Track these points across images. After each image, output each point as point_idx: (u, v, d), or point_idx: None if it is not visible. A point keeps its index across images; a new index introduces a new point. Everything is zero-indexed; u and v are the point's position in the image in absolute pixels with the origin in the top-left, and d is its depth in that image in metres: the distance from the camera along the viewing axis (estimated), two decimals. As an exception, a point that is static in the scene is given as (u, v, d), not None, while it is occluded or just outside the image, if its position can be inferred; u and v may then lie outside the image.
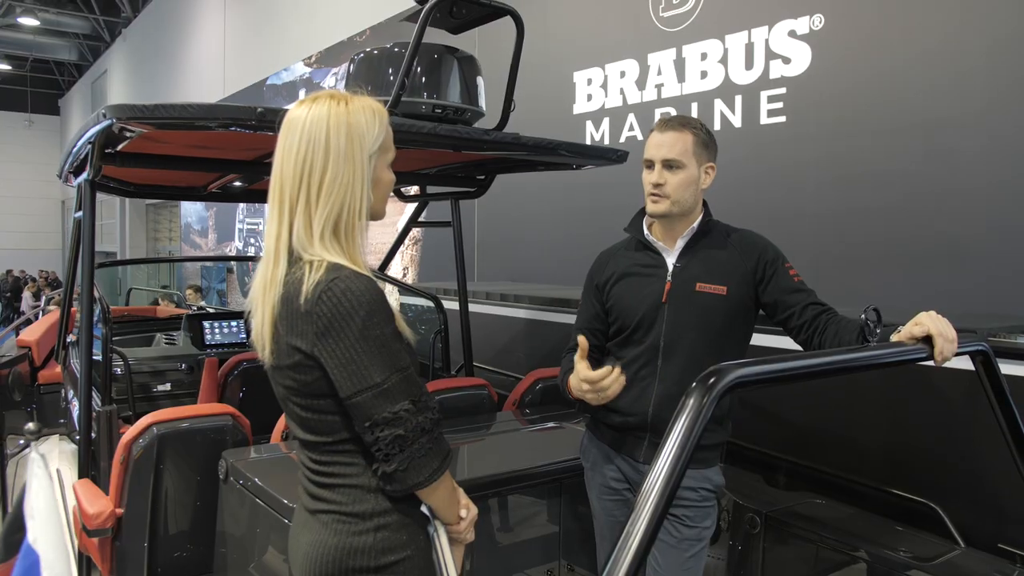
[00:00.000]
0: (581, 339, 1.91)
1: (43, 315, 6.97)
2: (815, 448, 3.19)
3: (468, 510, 1.58)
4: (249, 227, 12.25)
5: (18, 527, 1.60)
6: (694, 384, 1.19)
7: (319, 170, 1.43)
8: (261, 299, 1.47)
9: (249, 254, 10.62)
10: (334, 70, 9.57)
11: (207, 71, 14.58)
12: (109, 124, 2.30)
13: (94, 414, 2.90)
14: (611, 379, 1.85)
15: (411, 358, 1.46)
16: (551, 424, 3.05)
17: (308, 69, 10.29)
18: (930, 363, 1.67)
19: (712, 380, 1.19)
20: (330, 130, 1.44)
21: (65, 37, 25.32)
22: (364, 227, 1.49)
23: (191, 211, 15.35)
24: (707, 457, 2.10)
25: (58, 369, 5.51)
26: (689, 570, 2.05)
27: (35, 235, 30.03)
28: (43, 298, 10.27)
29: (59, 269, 28.60)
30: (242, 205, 12.08)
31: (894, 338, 1.68)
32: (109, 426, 2.97)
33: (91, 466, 2.88)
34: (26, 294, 20.46)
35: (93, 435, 2.91)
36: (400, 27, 8.13)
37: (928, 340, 1.62)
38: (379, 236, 8.34)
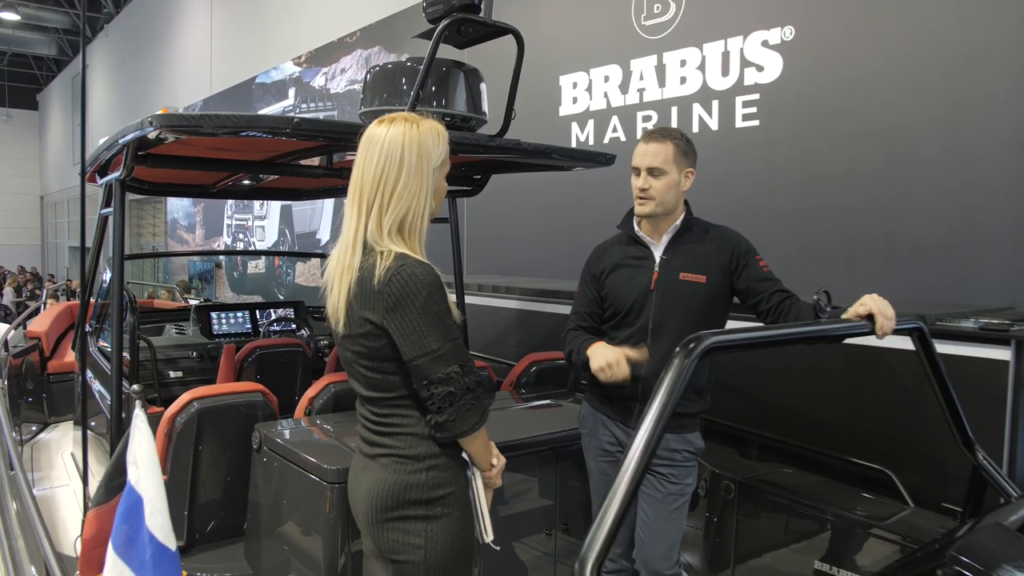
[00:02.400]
0: (646, 351, 2.27)
1: (44, 308, 7.16)
2: (785, 423, 3.51)
3: (498, 459, 1.91)
4: (238, 223, 12.40)
5: (119, 472, 1.86)
6: (678, 348, 1.49)
7: (393, 181, 1.73)
8: (338, 281, 1.77)
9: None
10: (324, 70, 9.76)
11: (194, 69, 14.68)
12: (153, 130, 2.54)
13: (124, 396, 3.16)
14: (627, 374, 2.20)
15: (458, 332, 1.77)
16: (548, 402, 3.35)
17: (298, 68, 10.47)
18: (872, 337, 1.99)
19: (692, 345, 1.49)
20: (404, 148, 1.74)
21: (44, 32, 25.19)
22: (425, 225, 1.79)
23: (177, 206, 15.45)
24: (689, 423, 2.41)
25: (67, 359, 5.74)
26: (673, 520, 2.37)
27: (13, 230, 29.81)
28: (44, 291, 10.45)
29: (38, 265, 28.46)
30: (230, 201, 12.25)
31: (843, 317, 2.00)
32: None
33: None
34: (7, 290, 20.43)
35: (123, 415, 3.17)
36: (390, 30, 8.38)
37: (871, 318, 1.94)
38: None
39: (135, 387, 1.91)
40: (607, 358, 2.20)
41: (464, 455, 1.85)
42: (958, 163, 3.89)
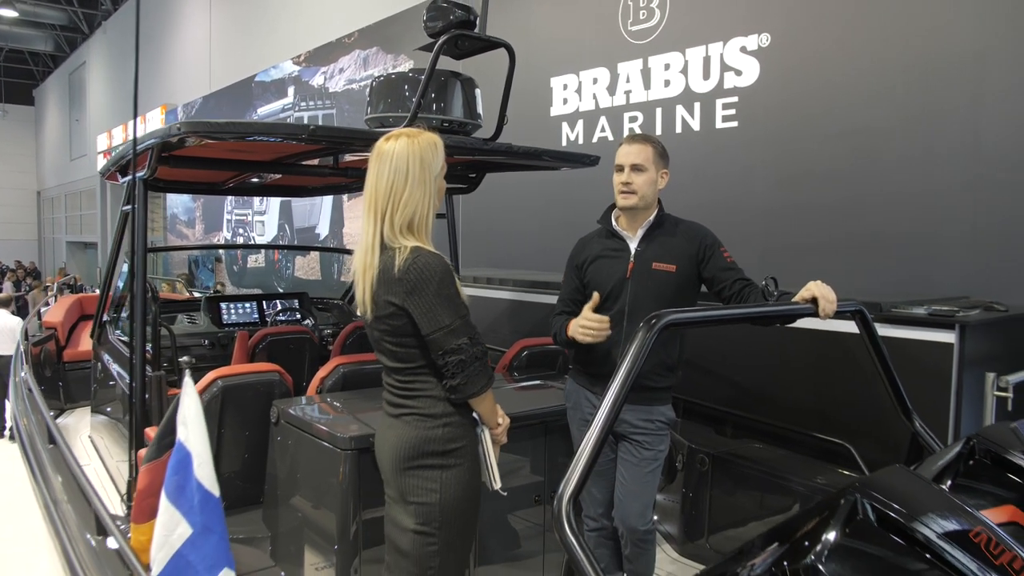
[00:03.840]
0: (596, 295, 2.54)
1: (55, 300, 7.44)
2: (757, 403, 3.81)
3: (504, 419, 2.24)
4: (237, 218, 12.66)
5: (169, 431, 2.15)
6: (641, 324, 1.78)
7: (400, 190, 2.06)
8: (363, 277, 2.10)
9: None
10: (322, 69, 10.02)
11: (193, 67, 14.91)
12: (180, 134, 2.82)
13: (146, 379, 3.43)
14: (605, 323, 2.48)
15: (467, 310, 2.10)
16: (538, 382, 3.65)
17: (297, 67, 10.72)
18: (845, 324, 2.27)
19: (653, 321, 1.78)
20: (409, 162, 2.06)
21: (41, 28, 25.33)
22: (431, 222, 2.12)
23: (177, 202, 15.70)
24: (662, 396, 2.71)
25: (81, 348, 6.02)
26: (647, 482, 2.67)
27: (9, 225, 29.93)
28: (55, 285, 10.80)
29: (36, 259, 28.61)
30: (230, 197, 12.51)
31: (792, 301, 2.30)
32: (160, 387, 3.52)
33: (144, 421, 3.42)
34: (7, 284, 20.62)
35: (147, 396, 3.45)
36: (388, 31, 8.65)
37: (815, 301, 2.24)
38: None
39: (184, 359, 2.20)
40: (578, 323, 2.52)
41: (475, 415, 2.17)
42: (920, 165, 4.18)
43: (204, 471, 2.06)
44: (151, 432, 3.22)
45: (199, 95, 14.22)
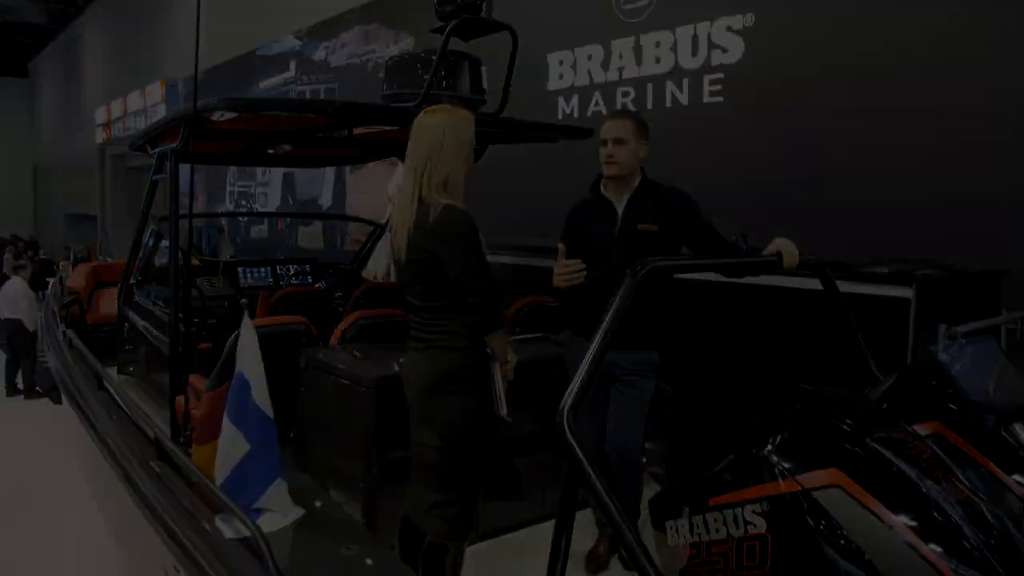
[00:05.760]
0: (560, 246, 2.88)
1: (73, 268, 7.78)
2: (740, 358, 4.16)
3: (512, 356, 2.60)
4: (240, 190, 12.92)
5: (229, 363, 2.51)
6: (628, 271, 2.13)
7: (436, 154, 2.42)
8: (401, 226, 2.46)
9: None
10: (325, 44, 10.25)
11: (192, 40, 15.00)
12: (217, 108, 3.14)
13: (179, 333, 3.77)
14: (575, 265, 2.82)
15: (486, 260, 2.46)
16: (538, 335, 4.01)
17: (298, 42, 10.93)
18: (794, 277, 2.61)
19: (638, 267, 2.13)
20: (445, 132, 2.43)
21: (35, 0, 25.26)
22: (462, 183, 2.48)
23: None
24: (648, 342, 3.08)
25: (101, 312, 6.35)
26: (636, 416, 3.05)
27: (5, 198, 30.03)
28: (72, 254, 11.17)
29: (33, 232, 28.72)
30: (233, 169, 12.76)
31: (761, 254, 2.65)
32: (191, 341, 3.87)
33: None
34: (7, 256, 20.83)
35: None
36: (389, 7, 8.89)
37: (779, 255, 2.59)
38: (373, 201, 9.16)
39: (243, 300, 2.55)
40: (555, 272, 2.88)
41: (488, 350, 2.53)
42: (891, 139, 4.49)
43: (260, 396, 2.42)
44: (192, 378, 3.58)
45: (200, 68, 14.36)
